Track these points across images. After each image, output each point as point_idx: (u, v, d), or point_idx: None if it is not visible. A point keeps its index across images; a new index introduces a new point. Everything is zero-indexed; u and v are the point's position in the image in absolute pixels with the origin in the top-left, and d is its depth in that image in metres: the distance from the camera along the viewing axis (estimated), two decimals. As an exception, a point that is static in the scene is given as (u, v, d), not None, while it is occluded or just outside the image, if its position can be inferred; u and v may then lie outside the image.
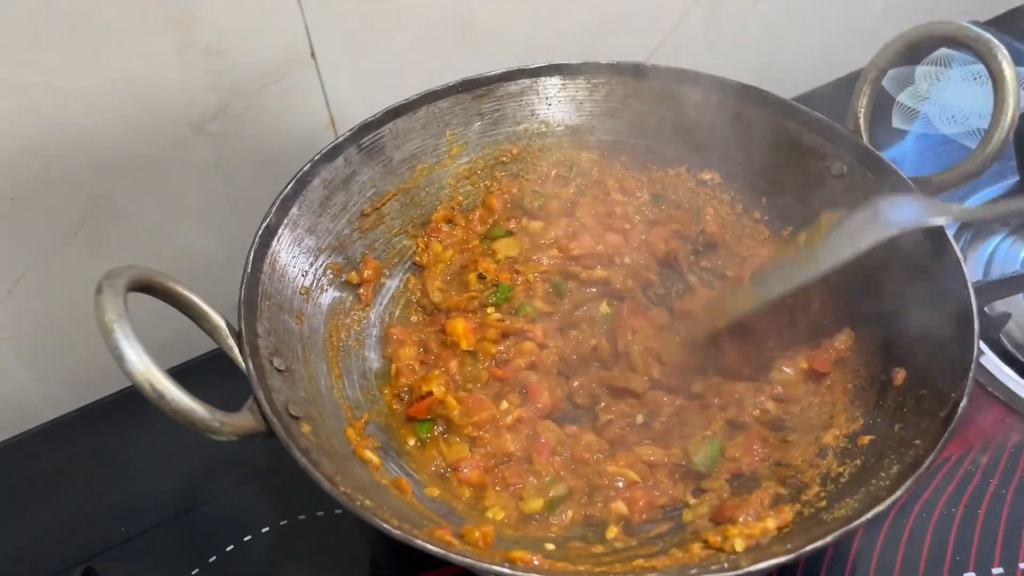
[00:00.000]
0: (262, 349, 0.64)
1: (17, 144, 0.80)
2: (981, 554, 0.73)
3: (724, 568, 0.54)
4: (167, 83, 0.84)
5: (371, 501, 0.57)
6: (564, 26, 1.05)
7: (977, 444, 0.81)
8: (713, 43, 1.18)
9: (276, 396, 0.61)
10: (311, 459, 0.56)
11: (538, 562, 0.57)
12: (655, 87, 0.86)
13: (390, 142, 0.82)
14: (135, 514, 0.81)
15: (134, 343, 0.51)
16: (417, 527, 0.57)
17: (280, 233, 0.72)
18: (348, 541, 0.79)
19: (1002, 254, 0.96)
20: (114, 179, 0.87)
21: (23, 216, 0.84)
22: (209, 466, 0.86)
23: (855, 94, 0.79)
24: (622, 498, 0.68)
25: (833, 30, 1.27)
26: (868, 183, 0.76)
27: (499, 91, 0.86)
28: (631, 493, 0.68)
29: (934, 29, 0.72)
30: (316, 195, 0.76)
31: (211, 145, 0.90)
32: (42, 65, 0.77)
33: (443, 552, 0.52)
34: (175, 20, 0.81)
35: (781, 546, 0.56)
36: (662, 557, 0.59)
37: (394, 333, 0.80)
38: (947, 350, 0.64)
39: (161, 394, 0.52)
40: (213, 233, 0.97)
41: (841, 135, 0.78)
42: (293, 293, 0.72)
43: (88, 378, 0.96)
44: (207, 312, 0.63)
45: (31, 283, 0.89)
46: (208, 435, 0.55)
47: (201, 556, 0.78)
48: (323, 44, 0.90)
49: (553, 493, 0.68)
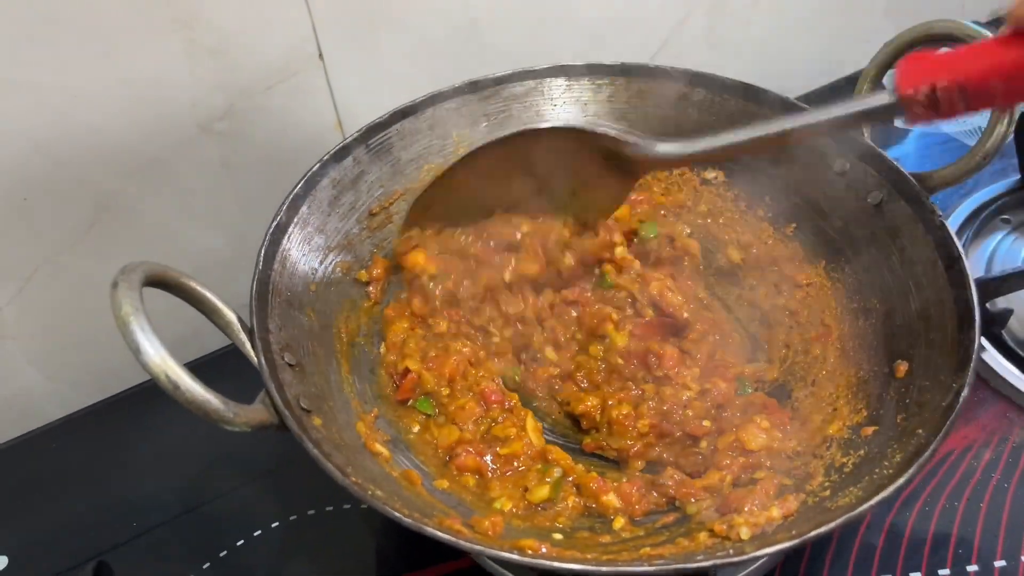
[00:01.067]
0: (273, 344, 0.64)
1: (28, 144, 0.81)
2: (984, 547, 0.74)
3: (730, 554, 0.55)
4: (175, 83, 0.85)
5: (382, 492, 0.58)
6: (568, 26, 1.06)
7: (980, 439, 0.82)
8: (716, 43, 1.19)
9: (288, 390, 0.61)
10: (322, 451, 0.57)
11: (546, 550, 0.58)
12: (658, 87, 0.87)
13: (397, 142, 0.83)
14: (145, 510, 0.82)
15: (150, 335, 0.52)
16: (427, 517, 0.58)
17: (290, 231, 0.73)
18: (356, 535, 0.80)
19: (1004, 251, 0.97)
20: (123, 178, 0.88)
21: (34, 216, 0.85)
22: (216, 463, 0.87)
23: (856, 92, 0.80)
24: (614, 491, 0.69)
25: (835, 30, 1.28)
26: (870, 179, 0.77)
27: (505, 92, 0.87)
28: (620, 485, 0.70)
29: (934, 27, 0.73)
30: (325, 194, 0.77)
31: (218, 144, 0.91)
32: (51, 65, 0.78)
33: (454, 540, 0.53)
34: (182, 21, 0.82)
35: (786, 533, 0.57)
36: (669, 546, 0.60)
37: (388, 312, 0.81)
38: (949, 343, 0.65)
39: (176, 384, 0.53)
40: (220, 231, 0.98)
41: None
42: (303, 290, 0.73)
43: (96, 377, 0.97)
44: (220, 307, 0.64)
45: (41, 282, 0.89)
46: (222, 425, 0.55)
47: (212, 550, 0.79)
48: (331, 44, 0.91)
49: (550, 478, 0.70)
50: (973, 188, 1.04)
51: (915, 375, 0.67)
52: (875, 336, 0.73)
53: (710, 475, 0.68)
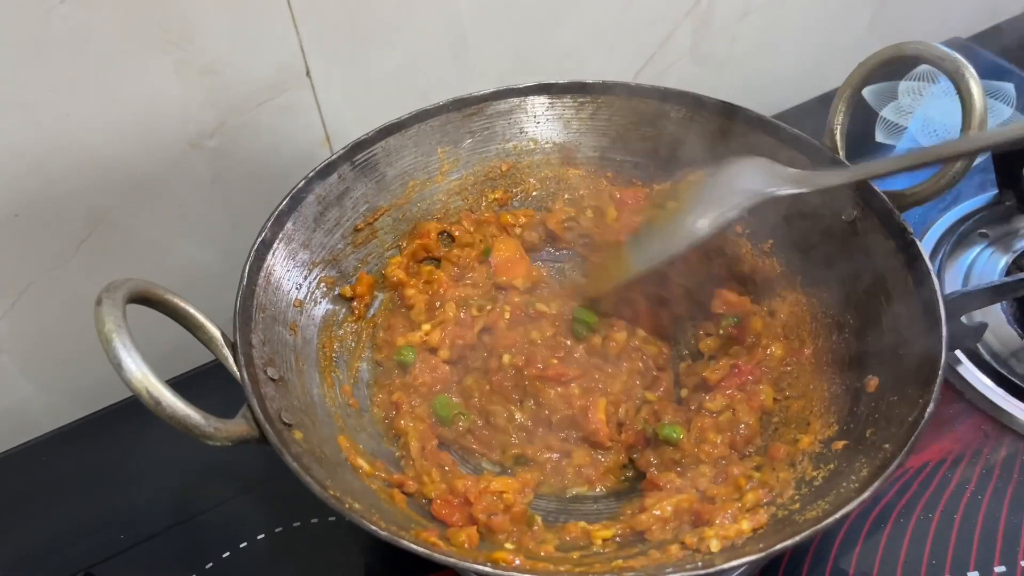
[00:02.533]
0: (256, 359, 0.66)
1: (21, 161, 0.82)
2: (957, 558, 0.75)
3: (699, 567, 0.56)
4: (166, 101, 0.86)
5: (360, 504, 0.59)
6: (554, 43, 1.08)
7: (955, 451, 0.83)
8: (701, 58, 1.21)
9: (270, 404, 0.63)
10: (302, 464, 0.59)
11: (519, 562, 0.59)
12: (638, 105, 0.88)
13: (383, 159, 0.84)
14: (133, 522, 0.83)
15: (132, 352, 0.54)
16: (404, 530, 0.59)
17: (275, 247, 0.75)
18: (341, 547, 0.81)
19: (981, 264, 0.99)
20: (114, 195, 0.89)
21: (26, 232, 0.86)
22: (205, 476, 0.88)
23: (831, 112, 0.82)
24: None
25: (819, 46, 1.29)
26: (844, 197, 0.78)
27: (489, 110, 0.89)
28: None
29: (904, 49, 0.75)
30: (311, 211, 0.79)
31: (209, 161, 0.93)
32: (44, 84, 0.79)
33: (428, 552, 0.55)
34: (173, 41, 0.83)
35: (754, 545, 0.58)
36: (641, 558, 0.61)
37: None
38: (917, 358, 0.66)
39: (158, 400, 0.54)
40: (211, 247, 0.99)
41: (817, 150, 0.80)
42: (287, 305, 0.74)
43: (87, 390, 0.98)
44: (203, 323, 0.65)
45: (33, 297, 0.91)
46: (203, 440, 0.57)
47: (198, 562, 0.80)
48: (318, 62, 0.92)
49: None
50: (952, 203, 1.05)
51: (884, 390, 0.68)
52: (848, 351, 0.75)
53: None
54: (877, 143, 1.18)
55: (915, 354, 0.67)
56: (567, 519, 0.71)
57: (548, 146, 0.91)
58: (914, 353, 0.67)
